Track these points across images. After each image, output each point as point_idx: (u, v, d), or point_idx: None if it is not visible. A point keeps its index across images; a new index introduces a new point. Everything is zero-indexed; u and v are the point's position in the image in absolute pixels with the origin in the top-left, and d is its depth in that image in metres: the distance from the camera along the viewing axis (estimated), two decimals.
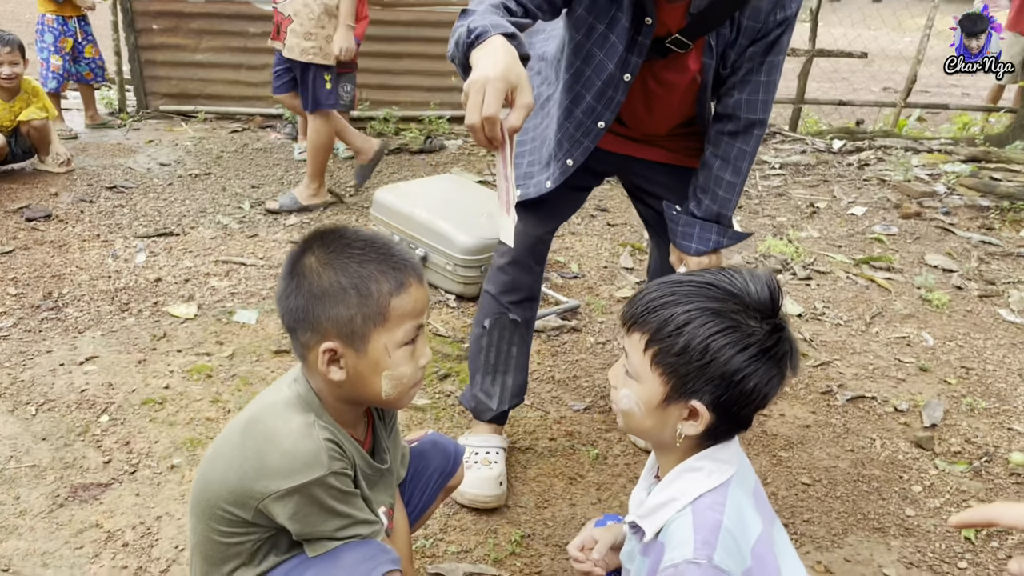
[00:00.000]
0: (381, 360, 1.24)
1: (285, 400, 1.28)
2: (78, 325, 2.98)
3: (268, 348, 2.88)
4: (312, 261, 1.23)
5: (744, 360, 1.13)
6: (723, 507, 1.16)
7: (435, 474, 1.64)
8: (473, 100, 1.42)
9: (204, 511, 1.29)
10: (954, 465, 2.48)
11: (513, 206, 1.56)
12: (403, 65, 6.48)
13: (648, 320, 1.18)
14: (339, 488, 1.24)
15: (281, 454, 1.21)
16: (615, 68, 1.87)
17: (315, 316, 1.21)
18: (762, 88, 1.90)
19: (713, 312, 1.14)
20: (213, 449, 1.33)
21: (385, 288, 1.22)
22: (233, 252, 3.76)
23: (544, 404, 2.68)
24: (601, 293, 3.54)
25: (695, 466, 1.21)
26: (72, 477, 2.18)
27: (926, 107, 7.32)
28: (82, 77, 5.95)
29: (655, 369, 1.18)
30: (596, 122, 1.97)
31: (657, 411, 1.20)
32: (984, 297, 3.68)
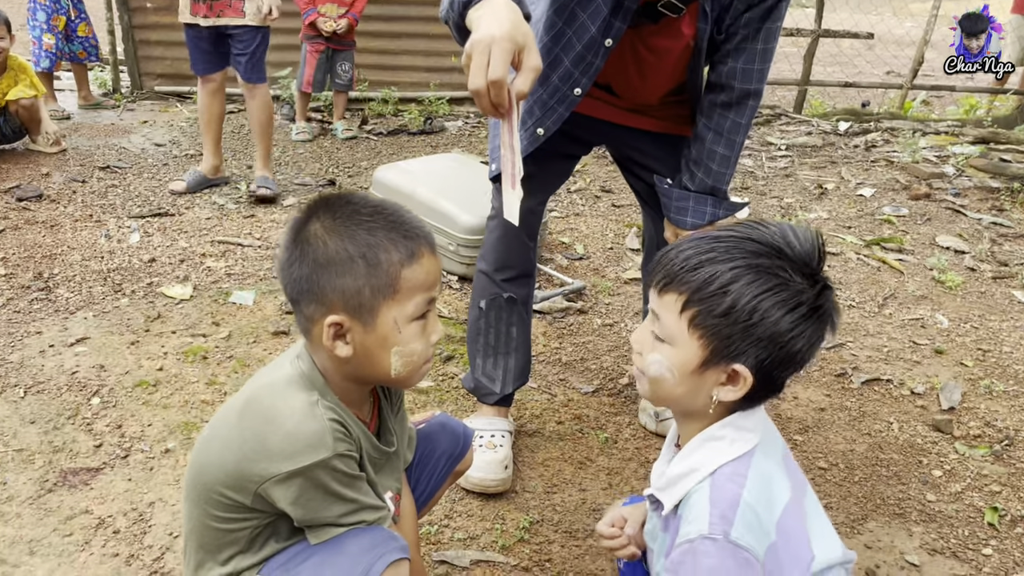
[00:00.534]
0: (390, 335, 1.15)
1: (287, 378, 1.19)
2: (69, 306, 2.89)
3: (266, 329, 2.80)
4: (318, 228, 1.13)
5: (794, 320, 1.04)
6: (744, 478, 1.08)
7: (443, 457, 1.55)
8: (477, 62, 1.31)
9: (200, 496, 1.21)
10: (974, 449, 2.40)
11: (519, 180, 1.46)
12: (402, 45, 6.38)
13: (686, 279, 1.08)
14: (344, 471, 1.15)
15: (283, 435, 1.12)
16: (597, 32, 1.75)
17: (320, 287, 1.12)
18: (758, 56, 1.79)
19: (759, 269, 1.04)
20: (209, 430, 1.24)
21: (395, 258, 1.13)
22: (230, 232, 3.67)
23: (551, 387, 2.60)
24: (607, 274, 3.46)
25: (717, 434, 1.13)
26: (62, 461, 2.09)
27: (932, 89, 7.22)
28: (75, 56, 5.83)
29: (694, 332, 1.08)
30: (572, 88, 1.85)
31: (692, 376, 1.10)
32: (998, 279, 3.60)
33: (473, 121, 6.16)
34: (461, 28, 1.50)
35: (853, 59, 9.09)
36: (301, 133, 5.42)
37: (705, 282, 1.06)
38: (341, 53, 5.42)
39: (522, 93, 1.36)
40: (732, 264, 1.05)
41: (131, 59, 6.31)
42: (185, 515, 1.26)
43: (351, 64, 5.49)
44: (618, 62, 1.85)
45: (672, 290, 1.10)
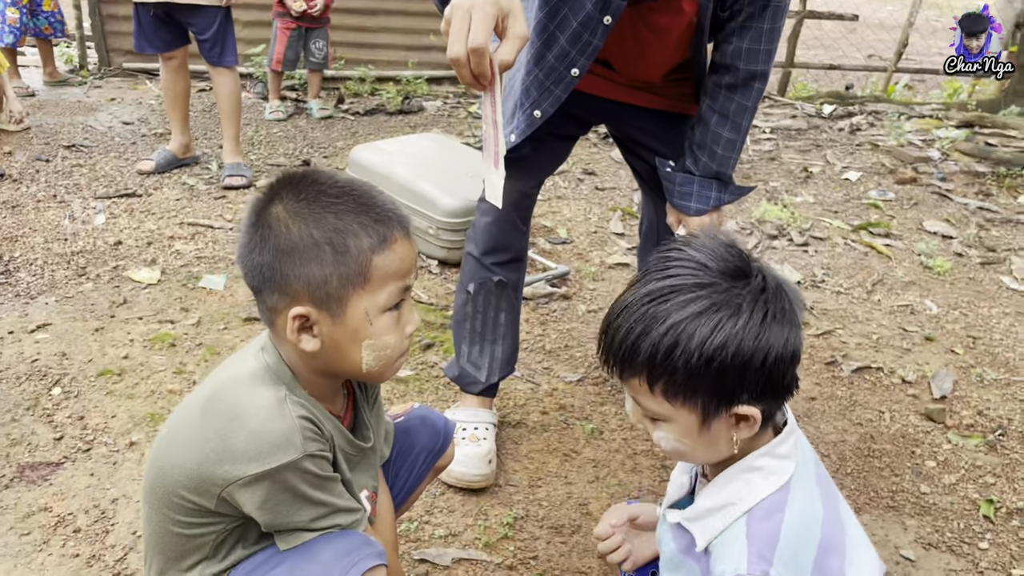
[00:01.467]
0: (361, 328, 1.06)
1: (251, 372, 1.09)
2: (30, 290, 2.76)
3: (237, 315, 2.68)
4: (280, 210, 1.03)
5: (746, 324, 0.97)
6: (782, 515, 1.03)
7: (423, 452, 1.46)
8: (457, 28, 1.21)
9: (160, 499, 1.11)
10: (967, 439, 2.34)
11: (502, 158, 1.36)
12: (379, 22, 6.23)
13: (634, 362, 1.02)
14: (315, 472, 1.06)
15: (248, 434, 1.02)
16: (594, 8, 1.64)
17: (283, 275, 1.03)
18: (764, 36, 1.69)
19: (693, 314, 0.98)
20: (168, 429, 1.14)
21: (366, 243, 1.03)
22: (199, 214, 3.53)
23: (535, 376, 2.51)
24: (592, 259, 3.37)
25: (754, 465, 1.07)
26: (20, 456, 1.98)
27: (916, 72, 7.18)
28: (40, 32, 5.63)
29: (674, 402, 1.03)
30: (569, 69, 1.75)
31: (702, 435, 1.05)
32: (986, 264, 3.56)
33: (453, 101, 6.04)
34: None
35: (836, 42, 9.03)
36: (275, 112, 5.27)
37: (650, 357, 1.00)
38: (314, 31, 5.27)
39: (506, 63, 1.25)
40: (665, 325, 0.99)
41: (98, 34, 6.11)
42: (144, 519, 1.17)
43: (325, 42, 5.34)
44: (617, 40, 1.74)
45: (631, 377, 1.05)
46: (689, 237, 1.08)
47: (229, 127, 3.99)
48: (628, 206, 3.97)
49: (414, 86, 6.11)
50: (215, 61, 3.83)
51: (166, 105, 4.07)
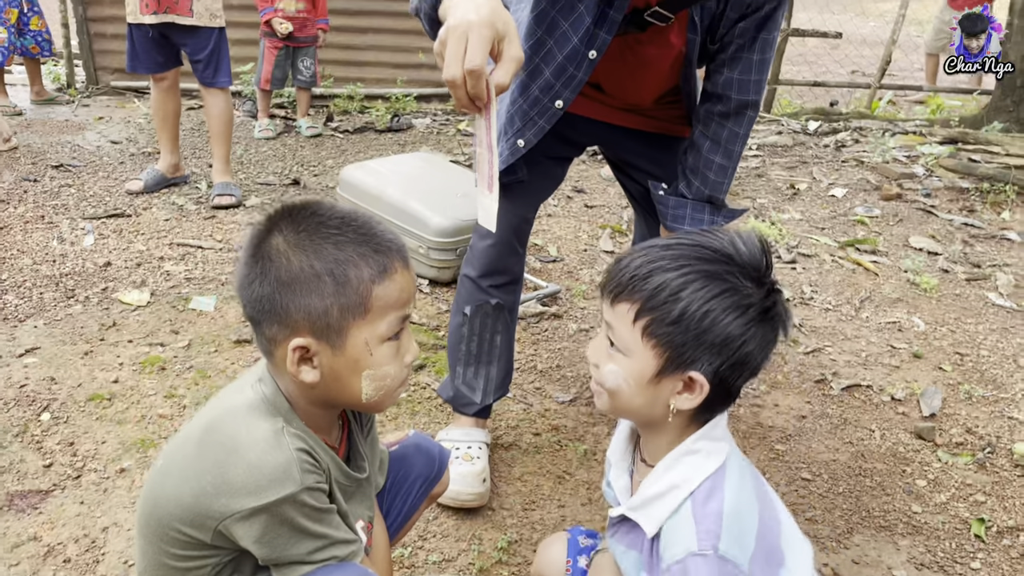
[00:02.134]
0: (361, 358, 1.06)
1: (248, 403, 1.09)
2: (18, 313, 2.74)
3: (227, 337, 2.67)
4: (280, 242, 1.03)
5: (745, 323, 1.03)
6: (722, 492, 1.07)
7: (418, 481, 1.46)
8: (453, 50, 1.21)
9: (154, 532, 1.10)
10: (957, 457, 2.36)
11: (496, 182, 1.36)
12: (368, 40, 6.25)
13: (638, 288, 1.06)
14: (313, 505, 1.05)
15: (245, 467, 1.02)
16: (579, 43, 1.66)
17: (283, 307, 1.02)
18: (755, 67, 1.71)
19: (708, 275, 1.04)
20: (164, 460, 1.13)
21: (366, 274, 1.03)
22: (189, 234, 3.52)
23: (527, 396, 2.51)
24: (582, 277, 3.38)
25: (693, 448, 1.10)
26: (8, 484, 1.96)
27: (900, 88, 7.25)
28: (27, 51, 5.63)
29: (647, 341, 1.05)
30: (553, 101, 1.76)
31: (649, 386, 1.08)
32: (971, 280, 3.59)
33: (442, 119, 6.06)
34: (434, 20, 1.39)
35: (820, 59, 9.12)
36: (264, 131, 5.27)
37: (656, 289, 1.04)
38: (302, 50, 5.29)
39: (502, 85, 1.26)
40: (682, 271, 1.04)
41: (86, 53, 6.11)
42: (138, 552, 1.15)
43: (313, 60, 5.36)
44: (608, 66, 1.76)
45: (624, 300, 1.07)
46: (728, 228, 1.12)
47: (219, 147, 3.98)
48: (618, 224, 3.98)
49: (403, 104, 6.13)
50: (208, 82, 3.83)
51: (156, 125, 4.07)
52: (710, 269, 1.04)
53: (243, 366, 2.52)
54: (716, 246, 1.06)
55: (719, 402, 1.10)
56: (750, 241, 1.07)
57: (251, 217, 3.78)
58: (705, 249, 1.06)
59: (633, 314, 1.05)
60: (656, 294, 1.04)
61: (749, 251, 1.06)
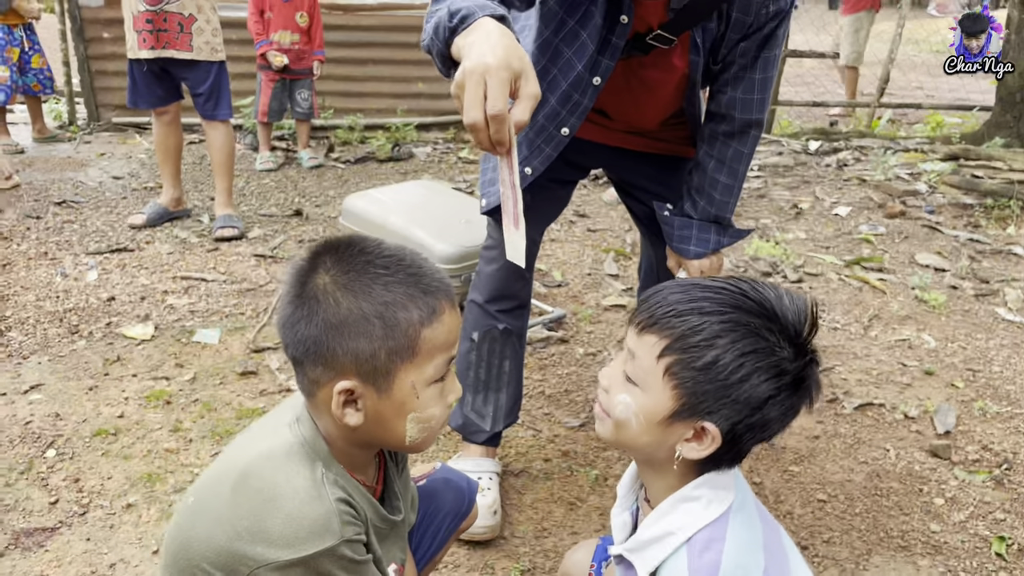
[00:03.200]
0: (407, 401, 1.03)
1: (287, 448, 1.05)
2: (22, 350, 2.72)
3: (233, 370, 2.65)
4: (327, 282, 1.00)
5: (774, 387, 0.98)
6: (723, 543, 1.02)
7: (447, 517, 1.42)
8: (473, 94, 1.19)
9: (182, 570, 1.06)
10: (974, 475, 2.32)
11: (522, 219, 1.34)
12: (367, 71, 6.29)
13: (671, 324, 1.01)
14: (350, 557, 1.02)
15: (284, 518, 0.99)
16: (584, 70, 1.66)
17: (331, 349, 0.99)
18: (757, 86, 1.71)
19: (749, 328, 0.98)
20: (196, 500, 1.09)
21: (415, 317, 1.00)
22: (192, 267, 3.52)
23: (535, 422, 2.48)
24: (587, 301, 3.36)
25: (692, 495, 1.05)
26: (14, 522, 1.93)
27: (899, 107, 7.28)
28: (29, 89, 5.66)
29: (669, 380, 1.00)
30: (559, 128, 1.75)
31: (658, 427, 1.03)
32: (980, 296, 3.57)
33: (442, 147, 6.08)
34: (446, 58, 1.38)
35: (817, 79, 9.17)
36: (265, 163, 5.29)
37: (691, 330, 0.99)
38: (298, 82, 5.32)
39: (521, 123, 1.23)
40: (722, 318, 0.99)
41: (87, 90, 6.15)
42: None
43: (310, 92, 5.38)
44: (612, 92, 1.75)
45: (653, 332, 1.02)
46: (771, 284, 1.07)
47: (222, 179, 3.99)
48: (621, 247, 3.97)
49: (403, 133, 6.15)
50: (209, 115, 3.84)
51: (158, 159, 4.08)
52: (750, 322, 0.99)
53: (249, 398, 2.49)
54: (761, 299, 1.01)
55: (725, 459, 1.05)
56: (798, 302, 1.02)
57: (253, 250, 3.78)
58: (749, 300, 1.01)
59: (659, 349, 1.01)
60: (689, 335, 0.99)
61: (795, 313, 1.01)
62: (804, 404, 1.02)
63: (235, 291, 3.29)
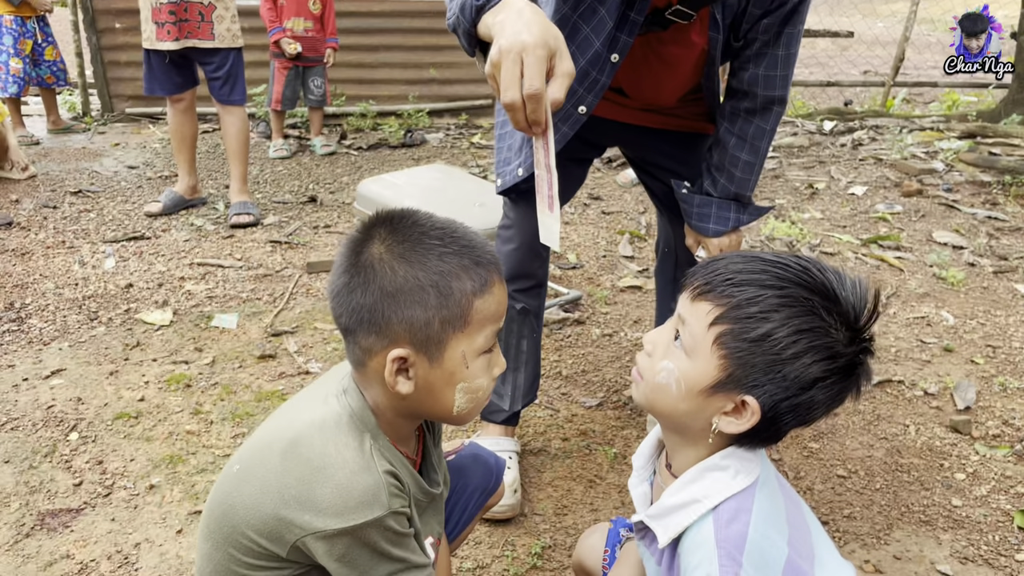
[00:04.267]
0: (457, 371, 1.04)
1: (336, 418, 1.06)
2: (43, 336, 2.75)
3: (251, 353, 2.67)
4: (382, 251, 1.01)
5: (824, 369, 0.96)
6: (749, 515, 1.00)
7: (476, 492, 1.43)
8: (510, 73, 1.17)
9: (225, 538, 1.07)
10: (995, 449, 2.31)
11: (557, 201, 1.32)
12: (379, 58, 6.28)
13: (728, 292, 0.99)
14: (395, 529, 1.04)
15: (333, 488, 1.00)
16: (602, 47, 1.63)
17: (386, 317, 1.00)
18: (780, 63, 1.68)
19: (807, 305, 0.96)
20: (242, 468, 1.10)
21: (468, 287, 1.01)
22: (209, 254, 3.53)
23: (553, 402, 2.49)
24: (602, 283, 3.36)
25: (720, 464, 1.03)
26: (39, 503, 1.95)
27: (914, 85, 7.21)
28: (43, 81, 5.69)
29: (718, 349, 0.98)
30: (577, 107, 1.73)
31: (699, 396, 1.01)
32: (999, 273, 3.54)
33: (455, 133, 6.07)
34: (472, 36, 1.37)
35: (830, 60, 9.09)
36: (279, 150, 5.30)
37: (748, 301, 0.97)
38: (311, 69, 5.32)
39: (558, 102, 1.22)
40: (780, 292, 0.96)
41: (100, 81, 6.17)
42: (202, 556, 1.12)
43: (323, 79, 5.38)
44: (629, 69, 1.73)
45: (709, 299, 1.00)
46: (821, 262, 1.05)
47: (237, 166, 4.00)
48: (636, 229, 3.96)
49: (415, 119, 6.15)
50: (224, 99, 3.86)
51: (173, 148, 4.09)
52: (810, 300, 0.96)
53: (268, 380, 2.51)
54: (823, 279, 0.98)
55: (759, 438, 1.03)
56: (861, 288, 0.99)
57: (269, 236, 3.79)
58: (811, 278, 0.97)
59: (713, 317, 0.99)
60: (746, 305, 0.97)
61: (856, 297, 0.98)
62: (851, 393, 1.00)
63: (252, 277, 3.30)
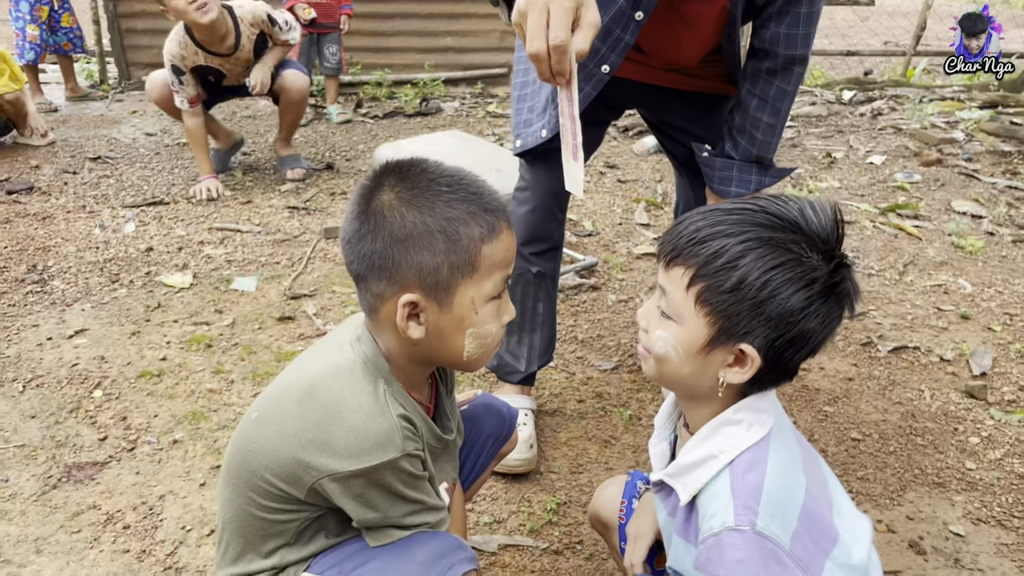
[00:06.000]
0: (467, 316, 1.06)
1: (350, 364, 1.08)
2: (66, 298, 2.79)
3: (271, 315, 2.70)
4: (391, 198, 1.02)
5: (806, 297, 0.97)
6: (765, 465, 1.02)
7: (490, 439, 1.46)
8: (536, 23, 1.19)
9: (245, 482, 1.10)
10: (1011, 414, 2.32)
11: (581, 150, 1.34)
12: (394, 26, 6.25)
13: (694, 252, 1.00)
14: (410, 471, 1.06)
15: (349, 431, 1.02)
16: (626, 3, 1.62)
17: (395, 263, 1.02)
18: (803, 20, 1.65)
19: (771, 243, 0.97)
20: (260, 415, 1.12)
21: (476, 233, 1.02)
22: (227, 219, 3.56)
23: (569, 365, 2.51)
24: (618, 250, 3.36)
25: (734, 419, 1.05)
26: (65, 456, 2.00)
27: (935, 55, 7.11)
28: (60, 48, 5.69)
29: (700, 308, 1.01)
30: (600, 66, 1.73)
31: (698, 356, 1.03)
32: (1018, 242, 3.52)
33: (470, 102, 6.05)
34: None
35: (850, 30, 8.98)
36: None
37: (713, 255, 0.99)
38: (326, 36, 5.30)
39: (583, 52, 1.23)
40: (742, 237, 0.98)
41: (117, 49, 6.18)
42: (224, 501, 1.16)
43: (338, 47, 5.36)
44: (650, 28, 1.72)
45: (679, 264, 1.02)
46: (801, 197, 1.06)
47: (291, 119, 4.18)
48: (652, 197, 3.95)
49: (431, 88, 6.14)
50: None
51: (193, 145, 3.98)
52: (774, 236, 0.98)
53: (287, 342, 2.54)
54: (782, 213, 0.99)
55: (772, 378, 1.05)
56: (822, 209, 1.00)
57: (286, 202, 3.81)
58: (770, 216, 0.99)
59: (687, 279, 1.01)
60: (713, 260, 0.99)
61: (819, 220, 0.99)
62: (843, 309, 1.01)
63: (270, 241, 3.33)
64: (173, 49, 3.68)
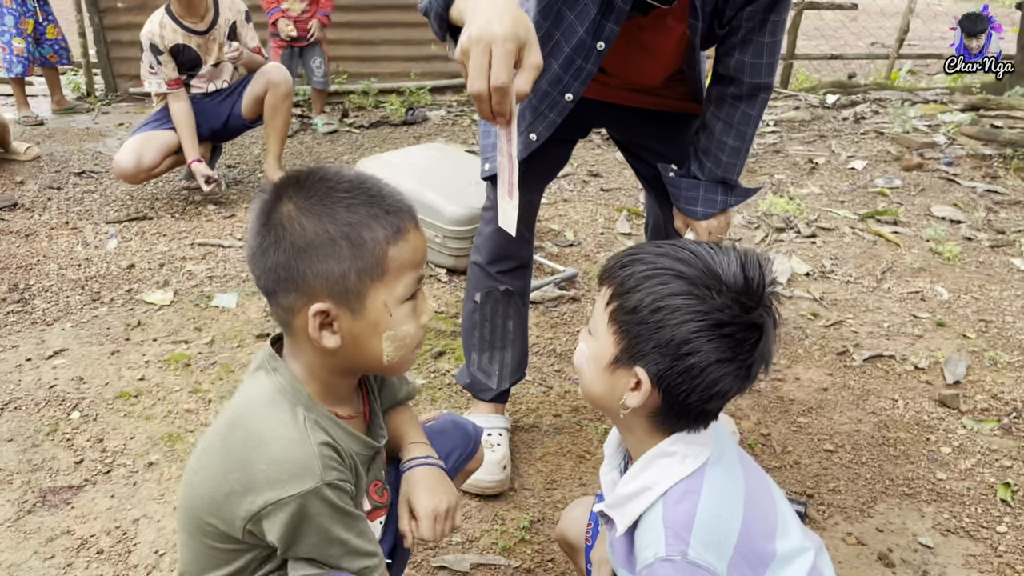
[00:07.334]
0: (381, 320, 1.06)
1: (268, 395, 1.08)
2: (46, 317, 2.80)
3: (250, 332, 2.71)
4: (291, 209, 1.02)
5: (692, 330, 1.00)
6: (698, 495, 1.04)
7: (455, 453, 1.47)
8: (478, 63, 1.19)
9: (195, 527, 1.11)
10: (982, 423, 2.34)
11: (516, 189, 1.36)
12: (380, 35, 6.26)
13: (615, 274, 1.08)
14: (334, 503, 1.05)
15: (268, 462, 1.02)
16: (586, 34, 1.64)
17: (301, 273, 1.02)
18: (766, 50, 1.68)
19: (677, 274, 1.03)
20: (196, 457, 1.13)
21: (381, 236, 1.03)
22: (210, 234, 3.57)
23: (546, 379, 2.52)
24: (599, 260, 3.38)
25: (668, 450, 1.08)
26: (41, 480, 2.01)
27: (919, 57, 7.15)
28: (46, 60, 5.68)
29: (611, 326, 1.07)
30: (563, 94, 1.74)
31: (605, 373, 1.08)
32: (996, 247, 3.54)
33: (456, 110, 6.07)
34: (443, 20, 1.38)
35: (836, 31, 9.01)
36: None
37: (628, 276, 1.06)
38: (308, 49, 5.30)
39: (523, 93, 1.24)
40: (657, 265, 1.04)
41: (104, 61, 6.18)
42: (182, 544, 1.16)
43: (323, 59, 5.36)
44: (612, 54, 1.73)
45: (606, 283, 1.10)
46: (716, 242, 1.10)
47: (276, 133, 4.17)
48: (634, 206, 3.97)
49: (417, 96, 6.15)
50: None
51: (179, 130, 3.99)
52: (685, 272, 1.02)
53: None
54: (704, 256, 1.03)
55: (675, 416, 1.07)
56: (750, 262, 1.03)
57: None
58: (693, 255, 1.04)
59: (607, 298, 1.08)
60: (625, 280, 1.06)
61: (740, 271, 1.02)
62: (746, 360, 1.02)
63: None
64: (152, 28, 3.77)
